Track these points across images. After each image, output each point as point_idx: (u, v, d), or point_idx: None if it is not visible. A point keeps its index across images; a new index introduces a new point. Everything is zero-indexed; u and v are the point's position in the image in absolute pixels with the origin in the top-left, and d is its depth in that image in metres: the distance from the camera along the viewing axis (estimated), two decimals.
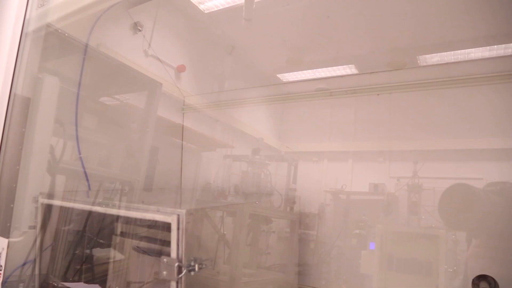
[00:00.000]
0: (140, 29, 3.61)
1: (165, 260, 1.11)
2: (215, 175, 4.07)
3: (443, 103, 3.83)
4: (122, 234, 1.78)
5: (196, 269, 1.09)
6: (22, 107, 1.72)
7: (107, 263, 2.11)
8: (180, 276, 1.08)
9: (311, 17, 3.95)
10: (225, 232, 3.24)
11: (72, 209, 1.77)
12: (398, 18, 3.73)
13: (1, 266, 1.50)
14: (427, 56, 4.09)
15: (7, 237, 1.60)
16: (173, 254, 1.10)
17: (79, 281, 1.98)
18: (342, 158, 4.94)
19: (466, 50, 3.81)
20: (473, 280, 1.32)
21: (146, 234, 1.84)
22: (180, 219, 1.07)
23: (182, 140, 3.05)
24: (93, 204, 1.60)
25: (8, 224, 1.67)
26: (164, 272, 1.10)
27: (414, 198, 3.90)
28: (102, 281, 2.09)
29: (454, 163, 3.98)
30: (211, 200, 3.60)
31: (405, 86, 2.78)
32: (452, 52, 3.85)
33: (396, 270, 3.32)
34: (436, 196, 3.46)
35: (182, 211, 1.07)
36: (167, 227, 1.67)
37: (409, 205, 3.94)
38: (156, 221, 1.29)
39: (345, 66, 4.62)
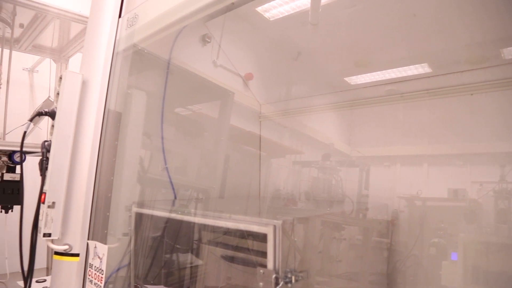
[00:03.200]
0: (209, 40, 3.72)
1: (261, 271, 1.10)
2: (284, 181, 4.05)
3: None
4: (207, 241, 1.83)
5: (293, 281, 1.08)
6: (115, 121, 1.85)
7: (189, 267, 2.19)
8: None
9: (378, 17, 3.80)
10: (295, 239, 3.21)
11: (159, 217, 1.85)
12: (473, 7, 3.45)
13: (102, 270, 1.61)
14: None
15: (105, 243, 1.71)
16: (270, 265, 1.09)
17: (165, 284, 2.08)
18: (416, 162, 4.67)
19: None
20: None
21: (225, 241, 1.87)
22: (277, 230, 1.07)
23: (260, 150, 3.09)
24: (181, 213, 1.66)
25: (105, 231, 1.79)
26: (261, 284, 1.10)
27: (502, 205, 3.57)
28: (183, 284, 2.17)
29: None
30: (281, 207, 3.59)
31: (488, 85, 2.56)
32: None
33: (483, 284, 3.06)
34: None
35: (279, 222, 1.07)
36: (239, 234, 1.68)
37: (496, 213, 3.61)
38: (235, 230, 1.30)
39: (417, 65, 4.38)
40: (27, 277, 1.76)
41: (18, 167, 2.88)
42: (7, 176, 2.80)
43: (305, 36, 4.07)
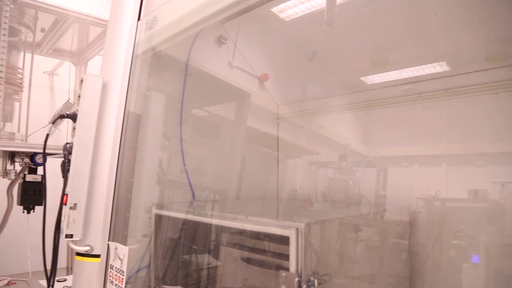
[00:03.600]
0: (224, 42, 3.73)
1: (284, 274, 1.10)
2: (301, 182, 4.03)
3: None
4: (226, 243, 1.84)
5: (316, 284, 1.06)
6: (134, 123, 1.87)
7: (208, 268, 2.20)
8: None
9: (394, 16, 3.75)
10: (312, 240, 3.19)
11: (179, 218, 1.86)
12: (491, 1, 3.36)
13: (123, 271, 1.62)
14: None
15: (125, 245, 1.73)
16: (292, 268, 1.08)
17: (183, 285, 2.09)
18: (434, 162, 4.59)
19: None
20: None
21: (245, 243, 1.87)
22: (300, 233, 1.06)
23: (278, 152, 3.08)
24: (202, 215, 1.67)
25: (125, 233, 1.81)
26: (283, 287, 1.09)
27: None
28: (200, 285, 2.18)
29: None
30: (300, 209, 3.57)
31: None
32: None
33: None
34: None
35: (301, 225, 1.06)
36: (258, 235, 1.68)
37: None
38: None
39: (435, 63, 4.30)
40: (50, 277, 1.79)
41: (39, 168, 2.94)
42: (29, 177, 2.86)
43: (320, 36, 4.04)
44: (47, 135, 1.87)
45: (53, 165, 2.08)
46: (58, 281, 3.00)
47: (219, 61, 3.63)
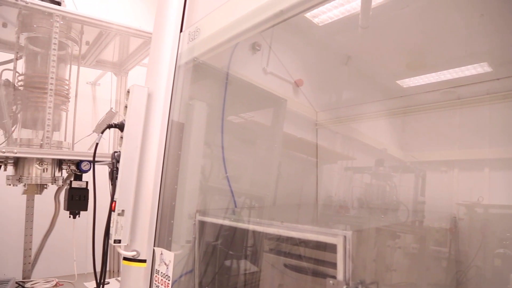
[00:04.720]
0: (259, 48, 3.77)
1: (331, 282, 1.10)
2: (336, 188, 4.00)
3: None
4: (268, 249, 1.85)
5: None
6: (178, 132, 1.93)
7: (247, 274, 2.22)
8: None
9: (432, 17, 3.66)
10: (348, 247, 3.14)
11: (222, 225, 1.90)
12: None
13: (169, 277, 1.67)
14: None
15: (170, 250, 1.78)
16: (340, 276, 1.08)
17: None
18: (476, 167, 4.42)
19: None
20: None
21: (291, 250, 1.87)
22: (347, 241, 1.06)
23: (317, 158, 3.07)
24: (246, 221, 1.69)
25: (170, 239, 1.87)
26: None
27: None
28: None
29: None
30: (335, 214, 3.55)
31: None
32: None
33: None
34: None
35: (349, 233, 1.06)
36: (306, 243, 1.67)
37: None
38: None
39: (475, 64, 4.15)
40: (100, 280, 1.87)
41: (84, 175, 3.07)
42: (75, 184, 3.00)
43: (355, 40, 4.00)
44: (96, 144, 1.96)
45: (96, 172, 2.17)
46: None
47: (254, 68, 3.68)
